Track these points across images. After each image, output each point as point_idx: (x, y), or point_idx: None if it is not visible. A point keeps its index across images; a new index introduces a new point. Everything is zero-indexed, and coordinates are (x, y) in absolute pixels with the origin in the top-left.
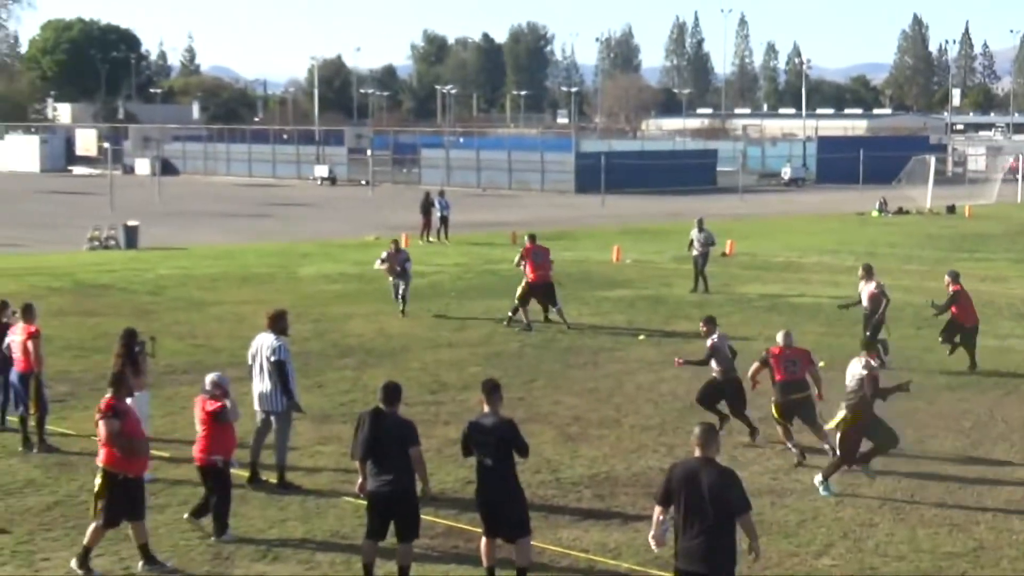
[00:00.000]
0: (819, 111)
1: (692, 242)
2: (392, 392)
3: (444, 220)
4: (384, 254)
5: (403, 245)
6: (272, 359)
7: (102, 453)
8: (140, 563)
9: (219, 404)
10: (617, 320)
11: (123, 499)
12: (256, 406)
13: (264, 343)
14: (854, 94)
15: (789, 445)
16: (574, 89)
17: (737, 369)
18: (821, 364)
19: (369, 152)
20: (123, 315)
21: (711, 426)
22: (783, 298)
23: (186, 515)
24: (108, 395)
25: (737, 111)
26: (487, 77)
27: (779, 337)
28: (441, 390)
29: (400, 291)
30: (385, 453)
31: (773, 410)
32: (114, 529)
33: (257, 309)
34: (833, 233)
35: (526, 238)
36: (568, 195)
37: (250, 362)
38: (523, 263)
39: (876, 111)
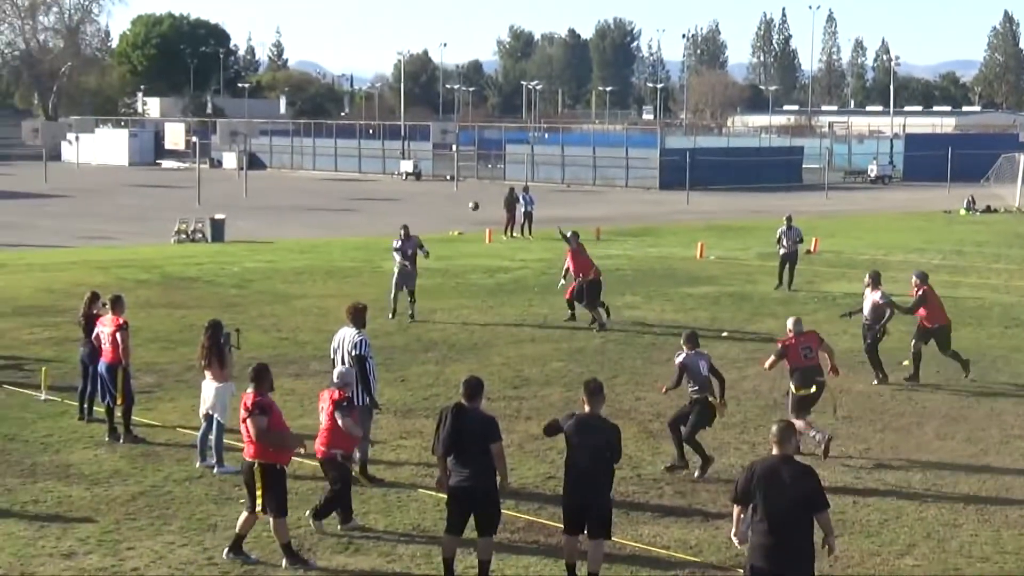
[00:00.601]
0: (907, 108)
1: (780, 239)
2: (474, 387)
3: (528, 216)
4: (397, 242)
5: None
6: (353, 353)
7: (250, 448)
8: (284, 561)
9: (344, 395)
10: (700, 317)
11: (283, 488)
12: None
13: (346, 337)
14: (943, 91)
15: (813, 433)
16: (660, 85)
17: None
18: (905, 363)
19: (454, 147)
20: (209, 307)
21: (789, 424)
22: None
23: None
24: (250, 390)
25: (823, 108)
26: (573, 73)
27: (789, 324)
28: (523, 385)
29: (405, 286)
30: (466, 449)
31: (792, 402)
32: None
33: (341, 303)
34: (920, 231)
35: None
36: (653, 191)
37: (332, 356)
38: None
39: (965, 108)
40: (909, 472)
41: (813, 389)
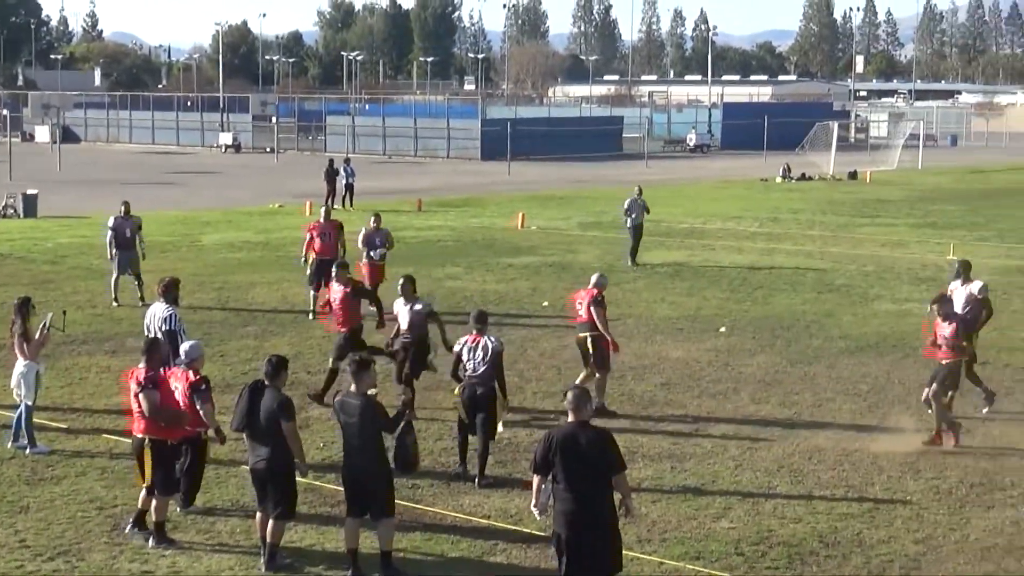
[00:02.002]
0: (725, 78)
1: (627, 210)
2: (275, 366)
3: (349, 187)
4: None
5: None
6: (164, 328)
7: (140, 424)
8: (151, 539)
9: (200, 377)
10: (521, 287)
11: (171, 466)
12: None
13: (156, 313)
14: (759, 61)
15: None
16: (481, 56)
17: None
18: (722, 330)
19: (274, 119)
20: (22, 284)
21: (584, 390)
22: (687, 264)
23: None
24: (142, 365)
25: (643, 78)
26: (394, 44)
27: (594, 279)
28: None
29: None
30: (260, 427)
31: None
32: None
33: (157, 278)
34: (737, 199)
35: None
36: (474, 162)
37: (146, 332)
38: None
39: (781, 78)
40: (725, 437)
41: (583, 337)
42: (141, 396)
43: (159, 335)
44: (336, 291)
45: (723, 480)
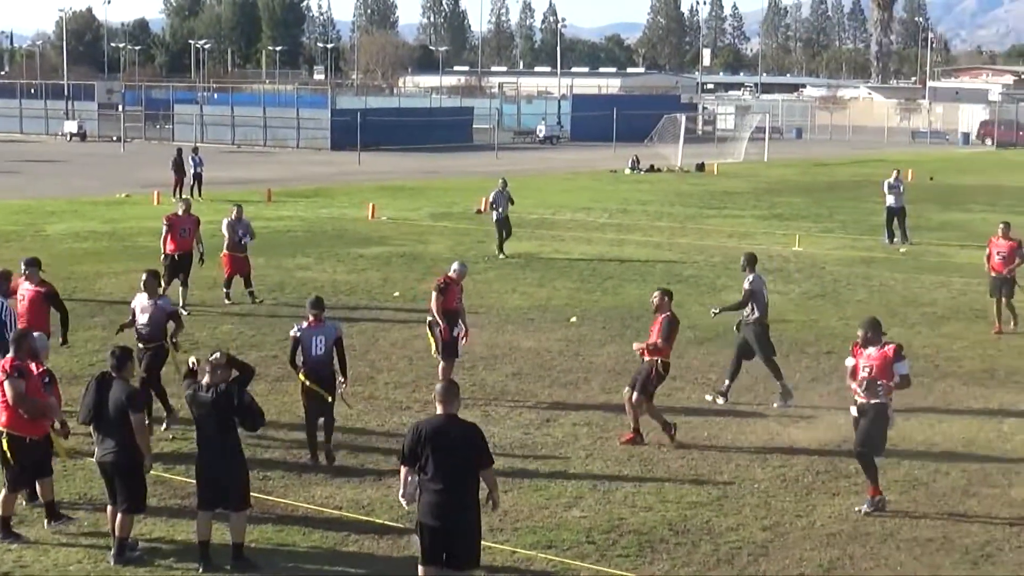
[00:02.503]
0: (574, 69)
1: (493, 203)
2: (120, 358)
3: (198, 177)
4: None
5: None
6: None
7: (3, 416)
8: (46, 521)
9: (43, 370)
10: (372, 277)
11: (30, 462)
12: None
13: None
14: (608, 53)
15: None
16: (330, 46)
17: None
18: (572, 320)
19: (120, 107)
20: None
21: (452, 383)
22: (536, 255)
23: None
24: (10, 355)
25: (493, 69)
26: (242, 32)
27: (454, 267)
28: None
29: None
30: (108, 420)
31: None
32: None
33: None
34: (587, 190)
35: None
36: (324, 152)
37: None
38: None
39: (630, 70)
40: (576, 426)
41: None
42: (6, 384)
43: None
44: (26, 290)
45: (574, 469)
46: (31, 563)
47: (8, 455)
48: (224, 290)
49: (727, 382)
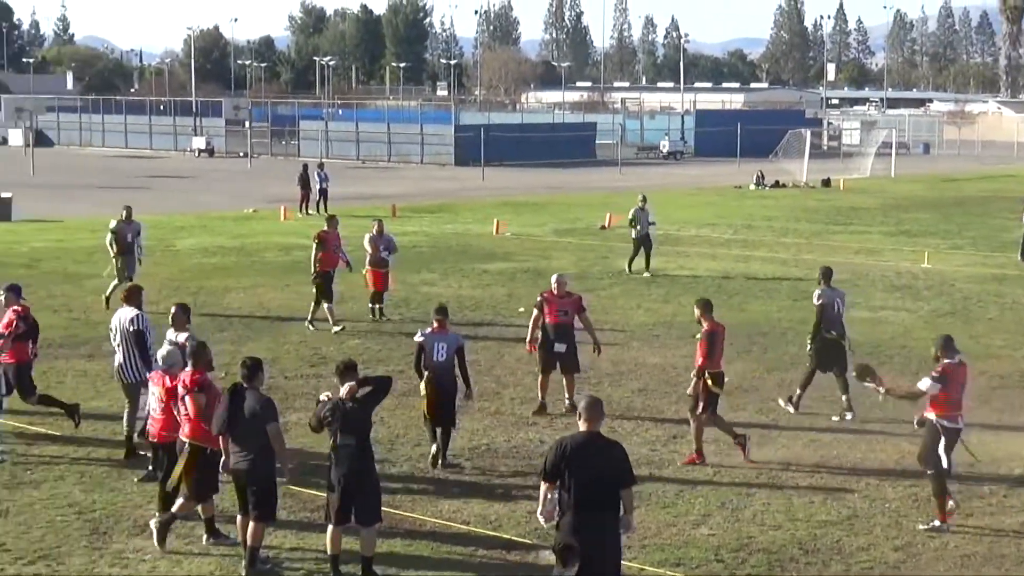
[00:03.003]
0: (697, 85)
1: (634, 220)
2: (251, 368)
3: (323, 193)
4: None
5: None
6: (131, 329)
7: (187, 428)
8: (205, 537)
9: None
10: (497, 293)
11: (209, 472)
12: (116, 379)
13: (124, 316)
14: (731, 68)
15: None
16: (453, 62)
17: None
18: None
19: (247, 123)
20: None
21: (596, 399)
22: (662, 271)
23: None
24: (189, 368)
25: (616, 84)
26: (366, 49)
27: (553, 280)
28: (321, 363)
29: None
30: (243, 429)
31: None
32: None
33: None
34: (711, 206)
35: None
36: (448, 167)
37: (112, 337)
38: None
39: (753, 85)
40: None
41: (563, 348)
42: (189, 399)
43: (126, 335)
44: (7, 316)
45: (701, 486)
46: (165, 572)
47: (191, 465)
48: (370, 306)
49: (798, 391)
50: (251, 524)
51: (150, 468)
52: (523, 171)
